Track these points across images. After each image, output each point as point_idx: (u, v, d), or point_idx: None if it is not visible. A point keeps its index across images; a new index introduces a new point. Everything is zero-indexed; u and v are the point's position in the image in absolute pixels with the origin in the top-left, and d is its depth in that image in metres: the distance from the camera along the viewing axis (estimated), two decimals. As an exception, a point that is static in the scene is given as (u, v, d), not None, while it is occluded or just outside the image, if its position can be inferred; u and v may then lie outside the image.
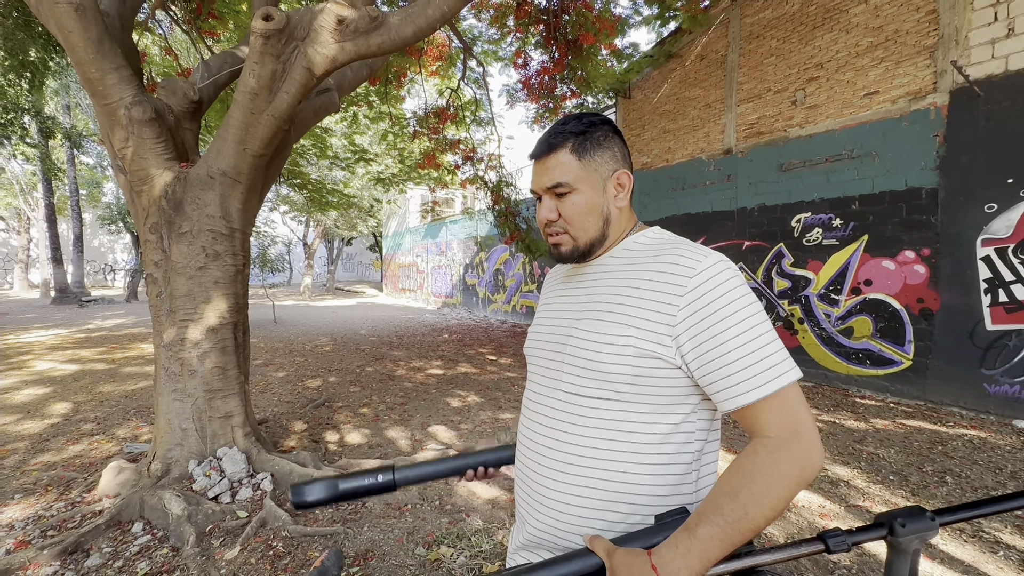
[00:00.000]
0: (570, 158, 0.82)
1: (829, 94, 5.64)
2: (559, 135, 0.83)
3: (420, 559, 2.32)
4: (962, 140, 4.58)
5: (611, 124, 0.85)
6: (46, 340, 8.67)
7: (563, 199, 0.83)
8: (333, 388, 5.55)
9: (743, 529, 0.63)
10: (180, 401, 2.90)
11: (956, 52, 4.61)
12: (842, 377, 5.55)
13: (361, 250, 34.22)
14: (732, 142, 6.75)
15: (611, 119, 0.85)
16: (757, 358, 0.68)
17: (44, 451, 3.62)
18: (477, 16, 7.04)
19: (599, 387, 0.78)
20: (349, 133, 11.32)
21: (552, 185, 0.82)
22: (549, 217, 0.84)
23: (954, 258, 4.63)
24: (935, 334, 4.78)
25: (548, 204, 0.85)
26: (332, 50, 2.59)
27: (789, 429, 0.67)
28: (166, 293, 2.92)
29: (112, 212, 20.21)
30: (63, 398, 5.01)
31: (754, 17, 6.46)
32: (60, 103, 17.33)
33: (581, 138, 0.82)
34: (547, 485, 0.82)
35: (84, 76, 2.68)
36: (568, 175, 0.81)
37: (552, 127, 0.85)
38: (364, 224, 22.14)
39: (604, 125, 0.84)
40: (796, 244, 5.95)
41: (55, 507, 2.76)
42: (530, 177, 6.96)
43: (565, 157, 0.82)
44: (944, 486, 3.07)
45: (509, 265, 12.76)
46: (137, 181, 2.90)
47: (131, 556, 2.28)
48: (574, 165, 0.82)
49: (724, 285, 0.72)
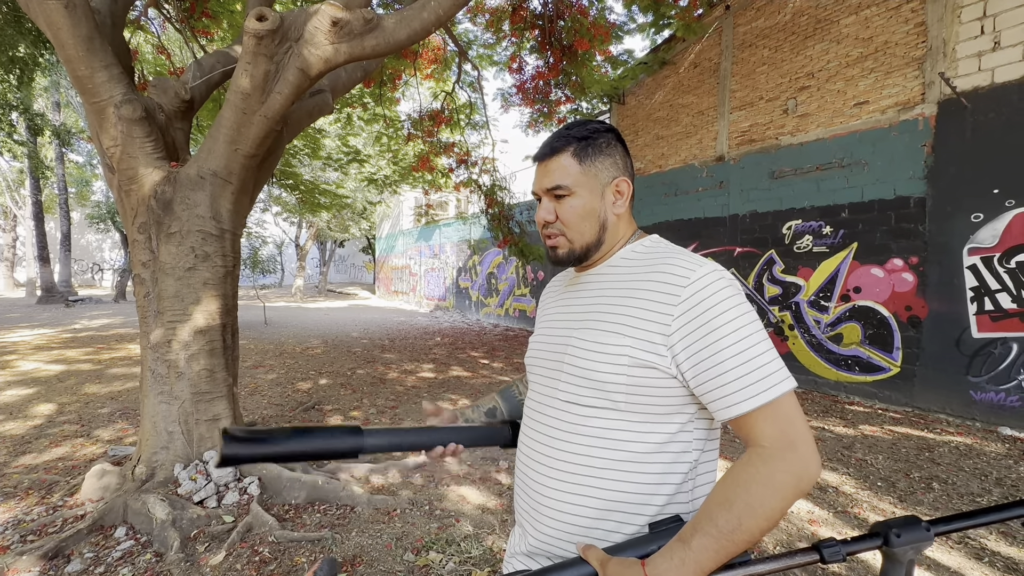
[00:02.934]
0: (571, 162, 0.83)
1: (820, 103, 5.71)
2: (562, 139, 0.84)
3: (409, 565, 2.30)
4: (950, 150, 4.65)
5: (615, 132, 0.87)
6: (31, 340, 8.52)
7: (561, 202, 0.84)
8: (323, 391, 5.50)
9: (737, 540, 0.63)
10: (166, 403, 2.86)
11: (944, 64, 4.68)
12: (831, 383, 5.59)
13: (354, 252, 34.02)
14: (724, 149, 6.81)
15: (616, 128, 0.86)
16: (752, 367, 0.68)
17: (26, 453, 3.55)
18: (473, 20, 7.06)
19: (594, 396, 0.78)
20: (343, 134, 11.29)
21: (551, 187, 0.84)
22: (547, 219, 0.85)
23: (941, 266, 4.69)
24: (923, 341, 4.83)
25: (547, 206, 0.86)
26: (326, 51, 2.58)
27: (785, 439, 0.67)
28: (154, 294, 2.88)
29: (101, 211, 20.01)
30: (47, 399, 4.92)
31: (747, 26, 6.53)
32: (50, 100, 17.13)
33: (583, 143, 0.83)
34: (544, 493, 0.81)
35: (73, 73, 2.65)
36: (567, 178, 0.83)
37: (557, 131, 0.87)
38: (357, 226, 22.03)
39: (608, 132, 0.85)
40: (787, 251, 6.00)
41: (36, 511, 2.70)
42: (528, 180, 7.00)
43: (566, 161, 0.83)
44: (931, 492, 3.10)
45: (502, 269, 12.75)
46: (126, 180, 2.86)
47: (113, 562, 2.23)
48: (574, 169, 0.83)
49: (718, 295, 0.72)
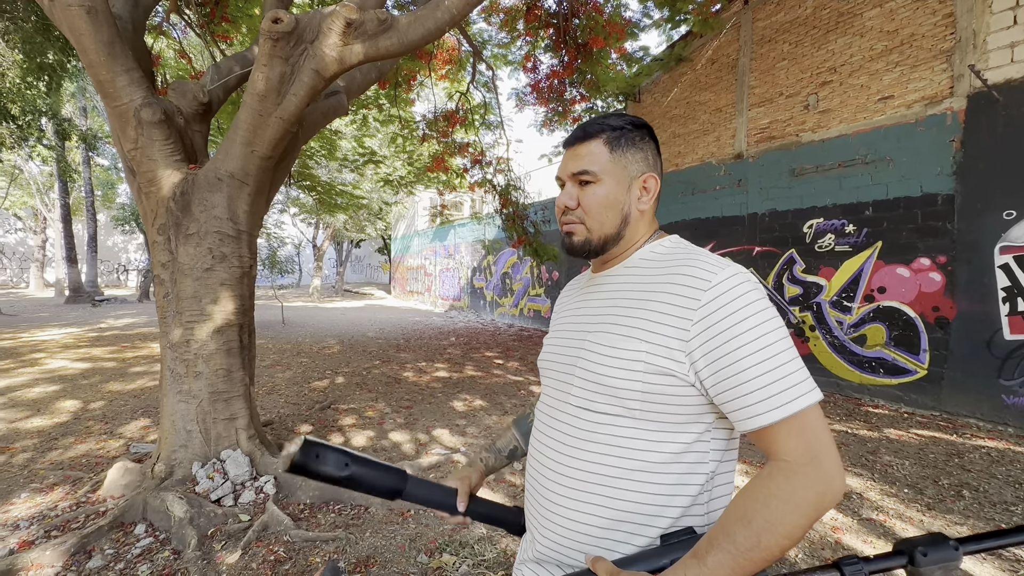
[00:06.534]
0: (602, 149, 0.81)
1: (843, 98, 5.56)
2: (596, 125, 0.83)
3: (422, 567, 2.29)
4: (980, 145, 4.48)
5: (649, 129, 0.86)
6: (59, 338, 8.78)
7: (585, 188, 0.82)
8: (339, 390, 5.55)
9: (755, 559, 0.60)
10: (185, 402, 2.90)
11: (974, 56, 4.52)
12: (854, 386, 5.45)
13: (370, 252, 34.37)
14: (743, 146, 6.68)
15: (650, 125, 0.85)
16: (775, 377, 0.64)
17: (52, 449, 3.64)
18: (487, 20, 7.04)
19: (608, 402, 0.75)
20: (359, 135, 11.39)
21: (578, 171, 0.82)
22: (568, 204, 0.83)
23: (971, 266, 4.53)
24: (951, 343, 4.67)
25: (570, 191, 0.83)
26: (341, 53, 2.59)
27: (808, 453, 0.63)
28: (173, 294, 2.93)
29: (125, 213, 20.56)
30: (73, 396, 5.06)
31: (766, 21, 6.39)
32: (77, 106, 17.62)
33: (617, 133, 0.82)
34: (554, 500, 0.79)
35: (95, 78, 2.71)
36: (595, 165, 0.81)
37: (592, 118, 0.85)
38: (373, 227, 22.25)
39: (643, 128, 0.84)
40: (808, 250, 5.86)
41: (60, 506, 2.76)
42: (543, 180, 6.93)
43: (597, 147, 0.82)
44: (961, 500, 2.98)
45: (517, 269, 12.73)
46: (146, 182, 2.91)
47: (133, 558, 2.27)
48: (604, 157, 0.81)
49: (741, 299, 0.68)
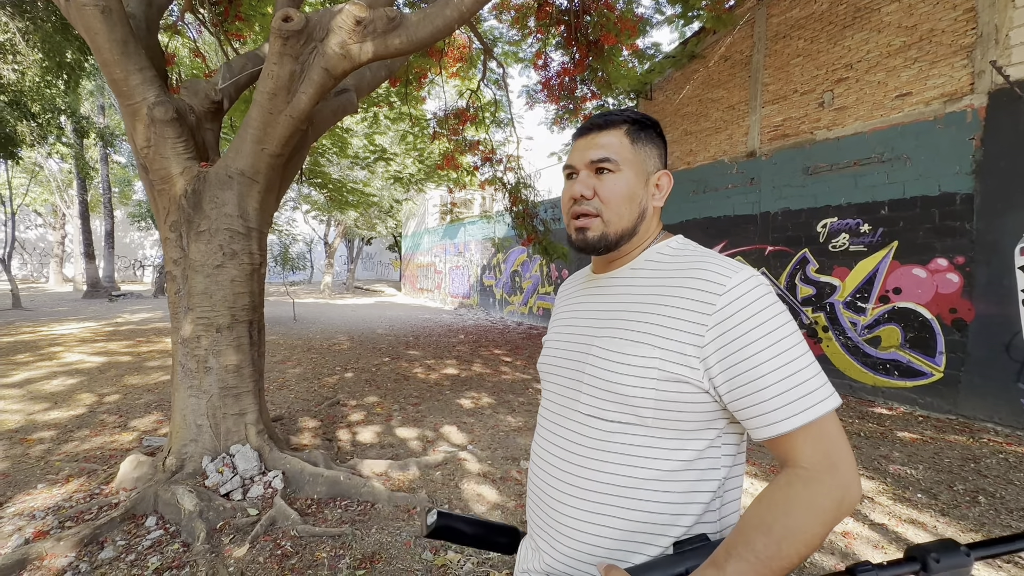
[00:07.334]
0: (624, 139, 0.80)
1: (859, 95, 5.45)
2: (616, 115, 0.81)
3: (427, 564, 2.30)
4: (1001, 144, 4.37)
5: (660, 128, 0.85)
6: (77, 333, 8.96)
7: (604, 177, 0.79)
8: (349, 386, 5.59)
9: (775, 568, 0.59)
10: (195, 397, 2.94)
11: (995, 52, 4.40)
12: (868, 388, 5.36)
13: (381, 250, 34.57)
14: (756, 144, 6.59)
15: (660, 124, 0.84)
16: (793, 383, 0.63)
17: (68, 441, 3.72)
18: (498, 17, 7.03)
19: (620, 410, 0.73)
20: (370, 133, 11.45)
21: (598, 159, 0.79)
22: (584, 193, 0.79)
23: (990, 267, 4.42)
24: (968, 345, 4.57)
25: (585, 180, 0.80)
26: (350, 50, 2.59)
27: (826, 461, 0.62)
28: (184, 290, 2.96)
29: (142, 209, 20.89)
30: (89, 389, 5.16)
31: (781, 17, 6.29)
32: (95, 104, 17.94)
33: (637, 126, 0.81)
34: (565, 512, 0.77)
35: (109, 76, 2.74)
36: (618, 154, 0.79)
37: (608, 110, 0.84)
38: (383, 224, 22.37)
39: (657, 127, 0.84)
40: (821, 250, 5.77)
41: (75, 498, 2.82)
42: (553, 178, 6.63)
43: (618, 137, 0.80)
44: (976, 506, 2.92)
45: (526, 267, 12.72)
46: (158, 180, 2.95)
47: (143, 550, 2.31)
48: (626, 147, 0.79)
49: (757, 303, 0.66)
